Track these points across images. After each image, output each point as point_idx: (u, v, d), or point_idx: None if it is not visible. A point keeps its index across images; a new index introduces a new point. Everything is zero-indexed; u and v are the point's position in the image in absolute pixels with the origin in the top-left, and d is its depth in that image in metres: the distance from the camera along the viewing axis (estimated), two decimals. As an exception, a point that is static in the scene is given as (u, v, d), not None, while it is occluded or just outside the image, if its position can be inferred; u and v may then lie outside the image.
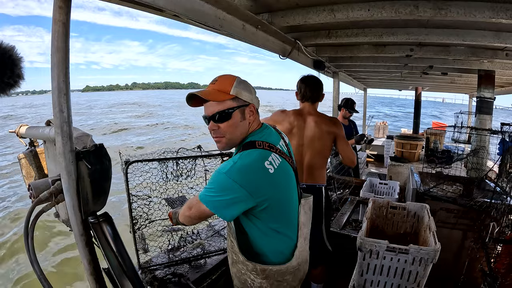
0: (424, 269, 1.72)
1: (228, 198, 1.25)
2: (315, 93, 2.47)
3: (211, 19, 2.03)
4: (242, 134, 1.38)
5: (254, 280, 1.43)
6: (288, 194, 1.44)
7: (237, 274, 1.50)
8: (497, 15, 1.87)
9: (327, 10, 2.23)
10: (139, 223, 2.11)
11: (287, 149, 1.50)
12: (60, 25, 0.93)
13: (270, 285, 1.43)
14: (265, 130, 1.45)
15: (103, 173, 1.14)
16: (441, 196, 2.79)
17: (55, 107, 1.00)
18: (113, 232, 1.18)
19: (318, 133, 2.41)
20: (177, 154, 2.23)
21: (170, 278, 2.05)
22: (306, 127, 2.44)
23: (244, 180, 1.24)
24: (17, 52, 1.11)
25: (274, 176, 1.31)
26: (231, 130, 1.35)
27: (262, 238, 1.42)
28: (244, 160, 1.27)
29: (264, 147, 1.33)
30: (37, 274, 1.04)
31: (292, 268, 1.45)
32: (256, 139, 1.36)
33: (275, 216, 1.39)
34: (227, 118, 1.32)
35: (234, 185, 1.23)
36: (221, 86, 1.33)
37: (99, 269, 1.19)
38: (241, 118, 1.35)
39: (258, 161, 1.29)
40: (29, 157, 1.54)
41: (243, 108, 1.35)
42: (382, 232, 2.37)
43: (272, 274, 1.41)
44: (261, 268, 1.40)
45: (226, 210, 1.28)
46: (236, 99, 1.33)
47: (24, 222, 1.03)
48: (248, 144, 1.34)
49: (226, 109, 1.32)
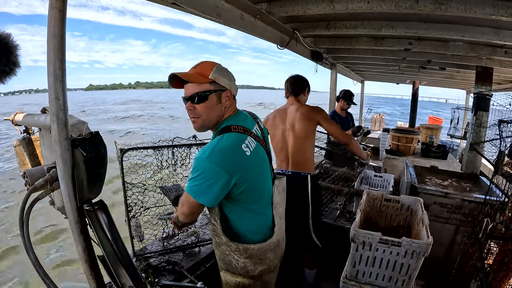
0: (416, 262, 1.74)
1: (212, 182, 1.30)
2: (296, 86, 2.63)
3: (210, 8, 2.01)
4: (217, 117, 1.44)
5: (238, 260, 1.50)
6: (263, 176, 1.52)
7: (221, 256, 1.56)
8: (497, 12, 1.87)
9: (327, 1, 2.21)
10: (134, 210, 2.12)
11: (261, 133, 1.57)
12: (57, 11, 0.92)
13: (253, 263, 1.50)
14: (239, 116, 1.52)
15: (99, 160, 1.14)
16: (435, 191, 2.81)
17: (50, 94, 0.99)
18: (108, 219, 1.18)
19: (298, 118, 2.52)
20: (172, 142, 2.23)
21: (164, 265, 2.07)
22: (288, 115, 2.57)
23: (225, 162, 1.30)
24: (13, 39, 1.09)
25: (250, 158, 1.38)
26: (207, 111, 1.41)
27: (241, 219, 1.50)
28: (223, 143, 1.33)
29: (239, 131, 1.40)
30: (32, 261, 1.04)
31: (273, 245, 1.54)
32: (232, 123, 1.42)
33: (253, 197, 1.47)
34: (203, 100, 1.39)
35: (216, 168, 1.29)
36: (201, 70, 1.40)
37: (94, 256, 1.19)
38: (217, 102, 1.42)
39: (235, 143, 1.35)
40: (23, 144, 1.54)
41: (220, 92, 1.41)
42: (376, 224, 2.39)
43: (254, 252, 1.48)
44: (243, 248, 1.47)
45: (211, 194, 1.33)
46: (214, 83, 1.40)
47: (19, 210, 1.03)
48: (225, 128, 1.40)
49: (203, 91, 1.38)
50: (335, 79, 5.20)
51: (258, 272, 1.53)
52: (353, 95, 4.62)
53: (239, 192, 1.39)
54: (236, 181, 1.34)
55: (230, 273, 1.58)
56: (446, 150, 5.29)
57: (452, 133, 6.99)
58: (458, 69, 4.47)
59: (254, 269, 1.52)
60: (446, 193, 2.75)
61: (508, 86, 5.76)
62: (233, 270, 1.56)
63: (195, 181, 1.32)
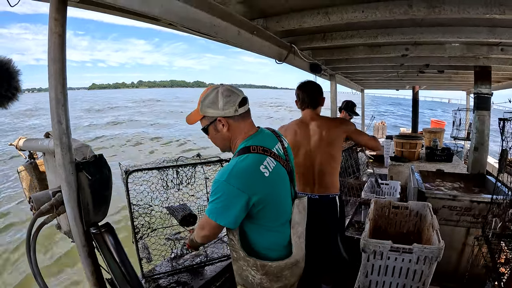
0: (428, 268, 1.71)
1: (231, 204, 1.32)
2: (315, 98, 2.44)
3: (206, 27, 2.03)
4: (223, 142, 1.51)
5: (254, 276, 1.48)
6: (283, 195, 1.51)
7: (238, 271, 1.56)
8: (490, 11, 1.88)
9: (322, 13, 2.23)
10: (141, 232, 2.11)
11: (283, 151, 1.56)
12: (56, 37, 0.94)
13: (270, 280, 1.48)
14: (260, 135, 1.51)
15: (104, 183, 1.14)
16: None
17: (53, 119, 1.00)
18: (115, 242, 1.18)
19: (324, 136, 2.35)
20: (177, 162, 2.23)
21: (174, 286, 2.05)
22: (310, 133, 2.39)
23: (242, 184, 1.31)
24: (14, 65, 1.11)
25: (269, 179, 1.38)
26: (213, 141, 1.53)
27: (259, 236, 1.49)
28: (240, 165, 1.35)
29: (258, 151, 1.40)
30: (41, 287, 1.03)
31: (290, 264, 1.51)
32: (251, 144, 1.43)
33: (271, 215, 1.47)
34: (207, 133, 1.51)
35: (235, 190, 1.30)
36: (197, 106, 1.48)
37: (102, 279, 1.18)
38: (215, 132, 1.48)
39: (253, 165, 1.36)
40: (29, 169, 1.54)
41: (214, 123, 1.46)
42: (385, 232, 2.36)
43: (271, 270, 1.47)
44: (261, 264, 1.45)
45: (231, 216, 1.34)
46: (206, 118, 1.46)
47: (26, 235, 1.03)
48: (243, 149, 1.41)
49: (203, 127, 1.50)
50: (335, 89, 5.21)
51: None
52: (355, 106, 4.62)
53: (257, 211, 1.40)
54: (255, 202, 1.35)
55: None
56: (450, 152, 5.26)
57: (455, 135, 6.97)
58: (456, 71, 4.47)
59: (270, 286, 1.50)
60: (454, 196, 2.72)
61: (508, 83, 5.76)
62: (249, 286, 1.54)
63: (215, 204, 1.34)
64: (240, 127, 1.48)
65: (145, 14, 1.48)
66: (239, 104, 1.43)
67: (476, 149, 3.76)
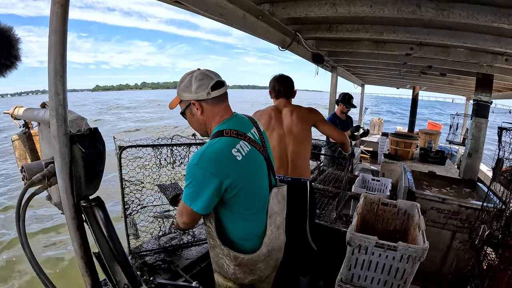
0: (411, 267, 1.74)
1: (202, 188, 1.33)
2: (289, 89, 2.54)
3: (212, 7, 2.01)
4: (199, 126, 1.54)
5: (229, 266, 1.50)
6: (257, 182, 1.50)
7: (215, 258, 1.56)
8: (499, 19, 1.87)
9: (329, 3, 2.22)
10: (131, 208, 2.11)
11: (259, 137, 1.56)
12: (59, 6, 0.92)
13: (243, 272, 1.50)
14: (234, 119, 1.51)
15: (97, 157, 1.13)
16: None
17: (51, 89, 0.98)
18: (105, 216, 1.18)
19: (295, 121, 2.44)
20: (172, 141, 2.23)
21: (160, 264, 2.07)
22: (283, 118, 2.47)
23: (213, 167, 1.32)
24: (15, 33, 1.09)
25: (241, 163, 1.38)
26: (191, 125, 1.57)
27: (233, 224, 1.49)
28: (212, 148, 1.36)
29: (231, 135, 1.41)
30: (28, 256, 1.04)
31: (263, 256, 1.51)
32: (225, 127, 1.43)
33: (245, 202, 1.45)
34: (185, 117, 1.54)
35: (206, 174, 1.31)
36: (176, 92, 1.52)
37: (90, 253, 1.19)
38: (191, 115, 1.51)
39: (225, 148, 1.37)
40: (22, 139, 1.53)
41: (189, 107, 1.48)
42: (372, 228, 2.39)
43: (244, 262, 1.47)
44: (234, 255, 1.46)
45: (202, 200, 1.34)
46: (182, 102, 1.50)
47: (16, 204, 1.03)
48: (216, 133, 1.42)
49: (181, 111, 1.53)
50: (335, 82, 5.20)
51: (248, 282, 1.52)
52: (352, 98, 4.62)
53: (230, 196, 1.39)
54: (227, 185, 1.35)
55: (222, 276, 1.57)
56: (444, 156, 5.30)
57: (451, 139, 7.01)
58: (458, 75, 4.47)
59: (244, 277, 1.51)
60: (443, 199, 2.75)
61: (508, 93, 5.77)
62: (224, 274, 1.55)
63: (188, 188, 1.35)
64: (214, 111, 1.48)
65: (152, -11, 1.46)
66: (211, 88, 1.43)
67: (470, 155, 3.79)
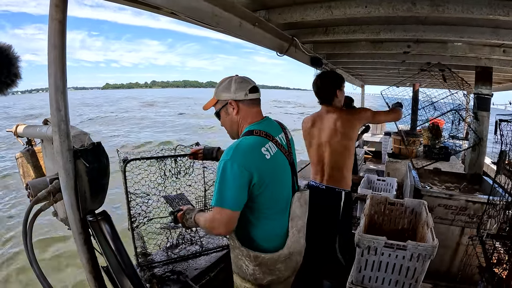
0: (422, 265, 1.72)
1: (235, 183, 1.35)
2: (325, 92, 2.43)
3: (208, 17, 2.02)
4: (231, 126, 1.60)
5: (248, 266, 1.51)
6: (282, 183, 1.54)
7: (235, 259, 1.58)
8: (494, 11, 1.87)
9: (325, 6, 2.23)
10: (138, 221, 2.11)
11: (286, 142, 1.61)
12: (57, 23, 0.93)
13: (262, 272, 1.50)
14: (265, 122, 1.59)
15: (101, 171, 1.14)
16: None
17: (52, 106, 0.99)
18: (112, 230, 1.18)
19: (338, 128, 2.34)
20: (175, 151, 2.23)
21: (169, 275, 2.06)
22: (323, 127, 2.40)
23: (246, 161, 1.37)
24: (14, 51, 1.10)
25: (269, 162, 1.43)
26: (224, 124, 1.63)
27: (256, 223, 1.50)
28: (243, 142, 1.43)
29: (260, 135, 1.48)
30: (36, 273, 1.04)
31: (283, 257, 1.52)
32: (254, 128, 1.50)
33: (269, 201, 1.48)
34: (218, 118, 1.62)
35: (239, 168, 1.34)
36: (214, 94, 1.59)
37: (98, 267, 1.19)
38: (226, 115, 1.58)
39: (255, 145, 1.43)
40: (26, 156, 1.54)
41: (226, 106, 1.56)
42: (380, 228, 2.37)
43: (264, 262, 1.48)
44: (254, 255, 1.47)
45: (237, 197, 1.36)
46: (219, 102, 1.58)
47: (23, 222, 1.03)
48: (246, 132, 1.50)
49: (215, 112, 1.61)
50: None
51: (267, 282, 1.53)
52: (352, 100, 4.63)
53: (257, 194, 1.42)
54: (256, 181, 1.38)
55: (240, 278, 1.59)
56: (448, 151, 5.27)
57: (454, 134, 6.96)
58: (457, 70, 4.47)
59: (263, 278, 1.51)
60: (450, 195, 2.73)
61: (508, 85, 5.75)
62: (243, 275, 1.57)
63: (220, 186, 1.36)
64: (248, 112, 1.55)
65: (148, 2, 1.48)
66: (249, 90, 1.52)
67: (474, 149, 3.77)
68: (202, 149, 2.06)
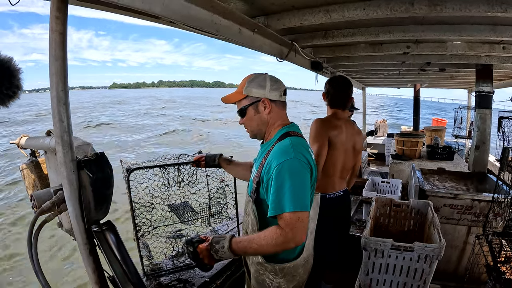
0: (429, 266, 1.71)
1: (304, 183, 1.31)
2: (348, 96, 2.42)
3: (207, 25, 2.03)
4: (261, 125, 1.51)
5: (272, 280, 1.48)
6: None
7: (255, 274, 1.54)
8: (492, 8, 1.87)
9: (323, 11, 2.23)
10: (143, 230, 2.11)
11: None
12: (57, 35, 0.94)
13: (287, 281, 1.48)
14: (295, 126, 1.55)
15: (105, 181, 1.14)
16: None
17: (54, 117, 1.00)
18: (117, 240, 1.18)
19: (353, 143, 2.36)
20: (178, 160, 2.23)
21: (175, 284, 2.05)
22: (344, 136, 2.33)
23: (307, 157, 1.35)
24: (15, 63, 1.11)
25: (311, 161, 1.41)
26: (248, 123, 1.52)
27: None
28: (296, 141, 1.39)
29: (302, 137, 1.48)
30: (42, 284, 1.04)
31: (303, 260, 1.50)
32: (290, 130, 1.48)
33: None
34: (243, 115, 1.51)
35: (304, 165, 1.32)
36: (239, 87, 1.51)
37: (104, 277, 1.18)
38: (255, 113, 1.49)
39: (306, 144, 1.44)
40: (30, 167, 1.55)
41: (256, 103, 1.48)
42: (386, 230, 2.36)
43: (289, 271, 1.46)
44: (279, 268, 1.44)
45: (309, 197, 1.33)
46: (249, 97, 1.48)
47: (27, 233, 1.03)
48: (283, 134, 1.44)
49: (241, 107, 1.50)
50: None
51: None
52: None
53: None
54: (312, 181, 1.38)
55: None
56: (452, 151, 5.26)
57: (456, 133, 6.96)
58: (457, 69, 4.46)
59: (287, 287, 1.49)
60: (455, 195, 2.72)
61: (509, 81, 5.74)
62: None
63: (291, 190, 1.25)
64: (279, 114, 1.52)
65: (146, 12, 1.48)
66: (283, 92, 1.51)
67: (478, 147, 3.75)
68: (204, 156, 2.02)
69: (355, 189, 4.01)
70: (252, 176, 1.52)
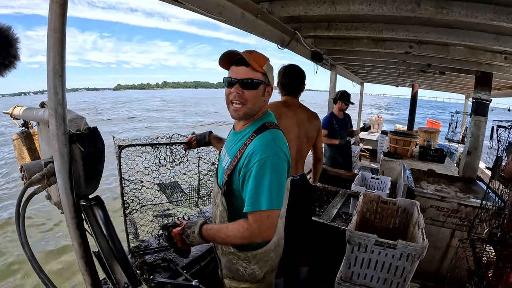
0: (411, 265, 1.74)
1: (282, 180, 1.31)
2: (299, 83, 2.42)
3: (211, 6, 2.00)
4: (258, 108, 1.44)
5: (246, 268, 1.49)
6: None
7: (227, 264, 1.54)
8: (498, 18, 1.87)
9: (328, 2, 2.21)
10: (131, 207, 2.11)
11: None
12: (57, 6, 0.92)
13: (260, 267, 1.50)
14: (271, 115, 1.53)
15: (96, 156, 1.13)
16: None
17: (49, 89, 0.98)
18: (104, 215, 1.18)
19: (307, 126, 2.40)
20: (171, 139, 2.22)
21: (159, 263, 2.07)
22: (297, 120, 2.37)
23: (285, 152, 1.35)
24: (14, 32, 1.09)
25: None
26: (253, 100, 1.40)
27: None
28: (276, 135, 1.38)
29: (276, 127, 1.44)
30: (28, 256, 1.04)
31: (274, 245, 1.52)
32: (271, 120, 1.47)
33: None
34: (254, 87, 1.39)
35: (283, 162, 1.32)
36: (257, 58, 1.38)
37: (90, 252, 1.19)
38: (262, 93, 1.43)
39: (282, 136, 1.42)
40: (21, 138, 1.53)
41: (266, 85, 1.43)
42: (372, 226, 2.39)
43: (261, 256, 1.48)
44: (252, 255, 1.45)
45: (283, 195, 1.34)
46: (265, 76, 1.40)
47: (16, 204, 1.03)
48: (262, 126, 1.41)
49: (257, 79, 1.38)
50: (334, 80, 5.19)
51: (263, 275, 1.54)
52: (349, 95, 4.66)
53: None
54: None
55: (236, 281, 1.56)
56: (443, 154, 5.31)
57: (450, 137, 7.02)
58: (457, 74, 4.47)
59: (260, 272, 1.52)
60: (442, 197, 2.76)
61: (507, 91, 5.77)
62: (239, 278, 1.54)
63: (269, 186, 1.25)
64: (267, 101, 1.50)
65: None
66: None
67: (469, 153, 3.79)
68: (194, 137, 2.01)
69: (344, 182, 4.05)
70: (225, 167, 1.45)
